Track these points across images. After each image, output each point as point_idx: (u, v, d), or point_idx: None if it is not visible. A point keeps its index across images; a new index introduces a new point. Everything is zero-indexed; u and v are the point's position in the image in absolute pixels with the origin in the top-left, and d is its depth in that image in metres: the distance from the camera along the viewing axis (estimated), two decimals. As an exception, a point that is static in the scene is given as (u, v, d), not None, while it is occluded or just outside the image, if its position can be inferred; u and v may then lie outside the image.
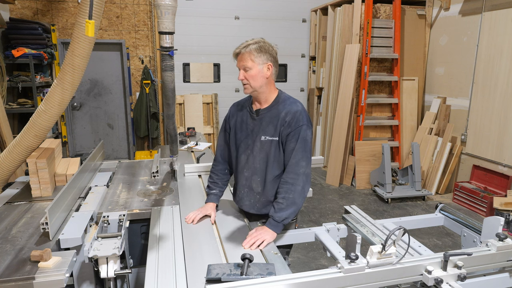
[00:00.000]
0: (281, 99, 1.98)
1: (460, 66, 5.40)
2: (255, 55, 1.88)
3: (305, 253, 3.72)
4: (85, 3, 2.02)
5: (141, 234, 2.20)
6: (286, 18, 7.10)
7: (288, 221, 1.90)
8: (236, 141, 2.07)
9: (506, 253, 1.59)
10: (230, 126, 2.11)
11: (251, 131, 1.99)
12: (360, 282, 1.41)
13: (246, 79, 1.91)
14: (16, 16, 5.90)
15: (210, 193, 2.19)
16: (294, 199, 1.87)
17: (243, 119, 2.04)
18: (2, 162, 2.40)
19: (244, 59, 1.90)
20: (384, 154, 5.23)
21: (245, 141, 2.02)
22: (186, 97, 6.82)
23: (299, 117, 1.90)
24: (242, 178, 2.06)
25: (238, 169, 2.08)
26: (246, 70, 1.90)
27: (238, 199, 2.14)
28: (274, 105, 1.97)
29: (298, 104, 1.97)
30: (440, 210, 2.23)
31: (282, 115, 1.92)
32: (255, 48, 1.89)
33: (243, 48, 1.91)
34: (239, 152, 2.05)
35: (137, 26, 6.45)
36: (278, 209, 1.87)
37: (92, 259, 1.58)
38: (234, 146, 2.09)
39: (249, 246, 1.77)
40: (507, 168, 4.68)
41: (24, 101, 5.32)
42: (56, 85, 2.24)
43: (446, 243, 4.00)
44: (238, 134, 2.05)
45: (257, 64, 1.89)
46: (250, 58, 1.89)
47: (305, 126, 1.90)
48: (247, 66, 1.89)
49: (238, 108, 2.10)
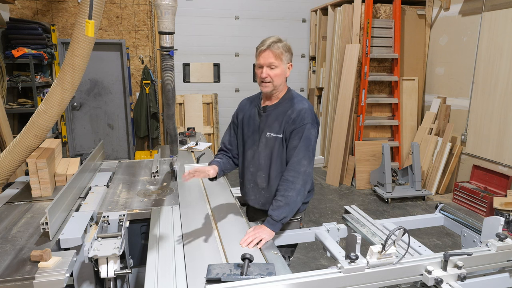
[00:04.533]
0: (290, 96, 1.98)
1: (460, 66, 5.40)
2: (284, 54, 1.85)
3: (305, 253, 3.72)
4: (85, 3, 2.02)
5: (141, 234, 2.20)
6: (286, 18, 7.10)
7: (286, 220, 1.89)
8: (243, 136, 2.07)
9: (506, 253, 1.59)
10: (238, 121, 2.12)
11: (258, 127, 2.00)
12: (360, 282, 1.41)
13: (270, 77, 1.87)
14: (16, 16, 5.90)
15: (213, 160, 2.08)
16: (293, 198, 1.86)
17: (250, 115, 2.04)
18: (2, 162, 2.40)
19: (271, 56, 1.84)
20: (384, 154, 5.23)
21: (252, 136, 2.02)
22: (186, 97, 6.82)
23: (304, 115, 1.89)
24: (248, 173, 2.07)
25: (245, 165, 2.08)
26: (271, 68, 1.86)
27: (244, 193, 2.16)
28: (282, 102, 1.96)
29: (305, 102, 1.96)
30: (440, 210, 2.23)
31: (288, 112, 1.91)
32: (283, 46, 1.85)
33: (272, 45, 1.83)
34: (245, 148, 2.06)
35: (137, 26, 6.45)
36: (276, 207, 1.86)
37: (92, 259, 1.58)
38: (242, 141, 2.09)
39: (246, 244, 1.77)
40: (507, 168, 4.68)
41: (24, 101, 5.31)
42: (56, 85, 2.24)
43: (446, 243, 4.00)
44: (245, 129, 2.06)
45: (283, 63, 1.87)
46: (279, 57, 1.84)
47: (309, 124, 1.89)
48: (274, 64, 1.85)
49: (248, 104, 2.11)
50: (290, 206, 1.86)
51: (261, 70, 1.88)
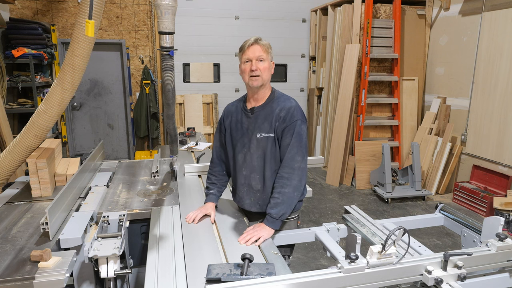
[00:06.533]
0: (275, 96, 2.01)
1: (460, 66, 5.40)
2: (269, 49, 1.95)
3: (305, 253, 3.72)
4: (85, 3, 2.02)
5: (141, 234, 2.20)
6: (286, 18, 7.10)
7: (285, 216, 1.91)
8: (232, 140, 2.08)
9: (506, 253, 1.59)
10: (225, 127, 2.12)
11: (246, 130, 2.01)
12: (360, 282, 1.41)
13: (260, 69, 1.92)
14: (16, 16, 5.90)
15: (209, 193, 2.19)
16: (290, 194, 1.88)
17: (237, 119, 2.05)
18: (2, 162, 2.40)
19: (259, 49, 1.92)
20: (384, 154, 5.23)
21: (241, 140, 2.03)
22: (186, 97, 6.82)
23: (294, 113, 1.92)
24: (241, 177, 2.06)
25: (236, 169, 2.08)
26: (260, 60, 1.91)
27: (238, 199, 2.14)
28: (268, 102, 1.99)
29: (291, 100, 1.99)
30: (440, 210, 2.23)
31: (277, 111, 1.94)
32: (267, 43, 1.95)
33: (258, 40, 1.93)
34: (235, 152, 2.06)
35: (137, 26, 6.45)
36: (274, 204, 1.87)
37: (92, 259, 1.57)
38: (231, 146, 2.09)
39: (244, 242, 1.78)
40: (507, 168, 4.68)
41: (24, 101, 5.32)
42: (56, 85, 2.24)
43: (446, 243, 4.00)
44: (234, 133, 2.06)
45: (269, 59, 1.95)
46: (266, 50, 1.93)
47: (299, 121, 1.92)
48: (262, 56, 1.92)
49: (232, 109, 2.11)
50: (287, 202, 1.88)
51: (250, 63, 1.92)
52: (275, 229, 1.88)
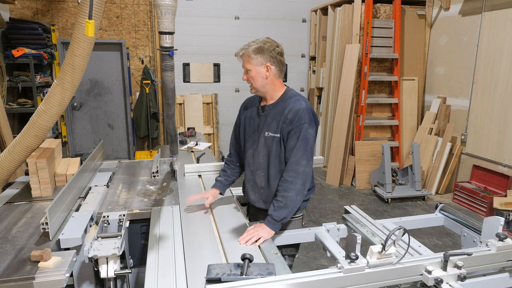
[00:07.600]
0: (288, 96, 1.99)
1: (460, 66, 5.40)
2: (252, 57, 1.90)
3: (305, 253, 3.72)
4: (85, 3, 2.02)
5: (141, 234, 2.20)
6: (286, 18, 7.10)
7: (286, 220, 1.91)
8: (245, 135, 2.12)
9: (506, 253, 1.59)
10: (240, 121, 2.17)
11: (257, 127, 2.04)
12: (360, 282, 1.41)
13: (248, 80, 1.96)
14: (16, 16, 5.90)
15: (216, 180, 2.29)
16: (293, 198, 1.88)
17: (251, 115, 2.09)
18: (2, 162, 2.40)
19: (244, 61, 1.95)
20: (384, 154, 5.23)
21: (252, 136, 2.06)
22: (186, 97, 6.82)
23: (301, 115, 1.89)
24: (248, 173, 2.12)
25: (246, 164, 2.13)
26: (247, 72, 1.94)
27: (245, 192, 2.21)
28: (280, 102, 1.98)
29: (302, 102, 1.95)
30: (440, 210, 2.23)
31: (285, 112, 1.93)
32: (252, 50, 1.90)
33: (241, 51, 1.94)
34: (246, 147, 2.11)
35: (137, 26, 6.45)
36: (277, 207, 1.88)
37: (92, 259, 1.57)
38: (243, 141, 2.14)
39: (244, 242, 1.79)
40: (507, 168, 4.68)
41: (24, 101, 5.31)
42: (56, 85, 2.24)
43: (446, 243, 4.00)
44: (247, 129, 2.10)
45: (255, 66, 1.91)
46: (248, 60, 1.92)
47: (306, 124, 1.89)
48: (246, 67, 1.94)
49: (249, 104, 2.15)
50: (290, 206, 1.89)
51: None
52: (275, 231, 1.89)
